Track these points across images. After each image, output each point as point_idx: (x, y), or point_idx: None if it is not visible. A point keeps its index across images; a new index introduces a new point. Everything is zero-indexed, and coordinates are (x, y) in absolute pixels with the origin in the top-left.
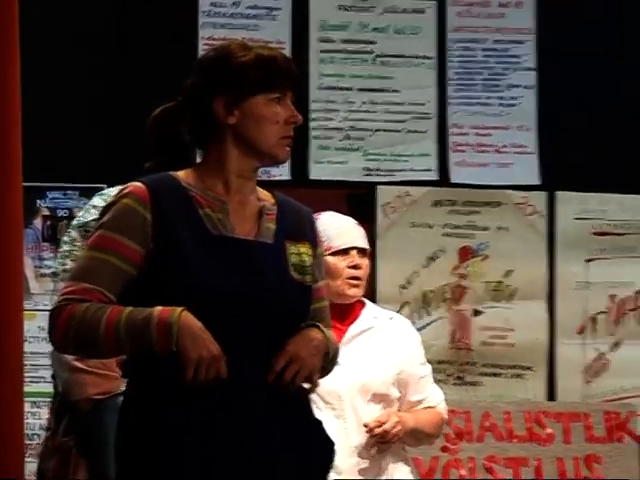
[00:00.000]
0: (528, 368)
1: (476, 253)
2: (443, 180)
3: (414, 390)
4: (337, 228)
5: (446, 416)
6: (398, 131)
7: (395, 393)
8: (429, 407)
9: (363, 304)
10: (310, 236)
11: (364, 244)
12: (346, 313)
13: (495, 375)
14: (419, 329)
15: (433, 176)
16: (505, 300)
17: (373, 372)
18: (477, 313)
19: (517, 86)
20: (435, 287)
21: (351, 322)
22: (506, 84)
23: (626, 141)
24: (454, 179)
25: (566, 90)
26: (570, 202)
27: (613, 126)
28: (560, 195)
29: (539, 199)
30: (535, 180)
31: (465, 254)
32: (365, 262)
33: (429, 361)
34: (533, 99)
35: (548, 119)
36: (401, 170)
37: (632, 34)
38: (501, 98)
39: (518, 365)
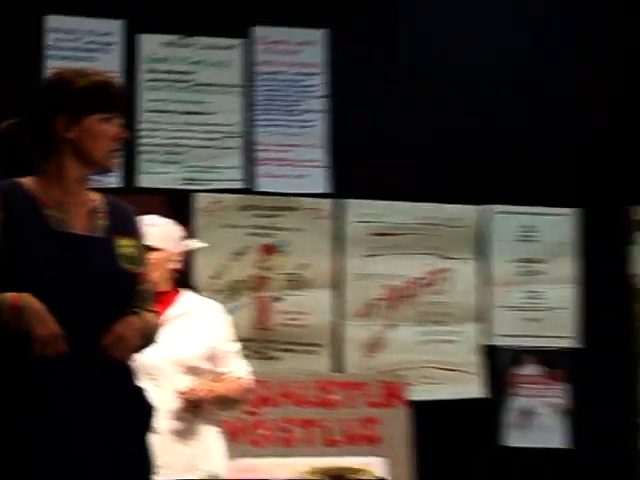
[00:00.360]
0: (319, 345)
1: (277, 250)
2: (250, 189)
3: (223, 364)
4: None
5: (251, 385)
6: (212, 147)
7: (206, 366)
8: (236, 377)
9: (178, 292)
10: (134, 230)
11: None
12: (162, 299)
13: (291, 351)
14: (229, 312)
15: (241, 185)
16: (300, 289)
17: (187, 348)
18: (277, 299)
19: (311, 111)
20: (242, 277)
21: (167, 306)
22: (302, 109)
23: (399, 155)
24: (259, 188)
25: (352, 114)
26: (354, 208)
27: (389, 143)
28: (346, 202)
29: (329, 205)
30: (326, 189)
31: (267, 250)
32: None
33: (237, 339)
34: (324, 122)
35: (337, 138)
36: (215, 180)
37: (407, 64)
38: (298, 121)
39: (311, 343)
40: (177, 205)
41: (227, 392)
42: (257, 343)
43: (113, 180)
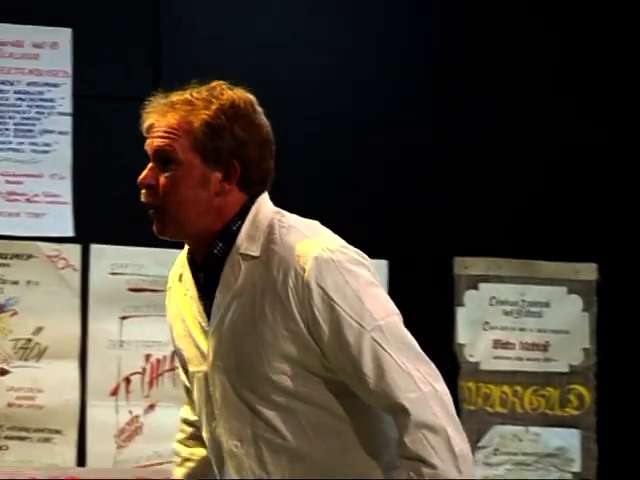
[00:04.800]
0: (57, 431)
1: (4, 309)
2: None
3: None
4: None
5: None
6: None
7: None
8: None
9: None
10: None
11: None
12: None
13: (22, 439)
14: None
15: None
16: (34, 359)
17: None
18: (4, 372)
19: (51, 132)
20: None
21: None
22: (39, 129)
23: None
24: None
25: (101, 137)
26: (105, 255)
27: None
28: (94, 248)
29: (72, 252)
30: (69, 232)
31: None
32: None
33: None
34: (68, 146)
35: (83, 167)
36: None
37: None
38: (34, 144)
39: (47, 428)
40: None
41: None
42: None
43: None
